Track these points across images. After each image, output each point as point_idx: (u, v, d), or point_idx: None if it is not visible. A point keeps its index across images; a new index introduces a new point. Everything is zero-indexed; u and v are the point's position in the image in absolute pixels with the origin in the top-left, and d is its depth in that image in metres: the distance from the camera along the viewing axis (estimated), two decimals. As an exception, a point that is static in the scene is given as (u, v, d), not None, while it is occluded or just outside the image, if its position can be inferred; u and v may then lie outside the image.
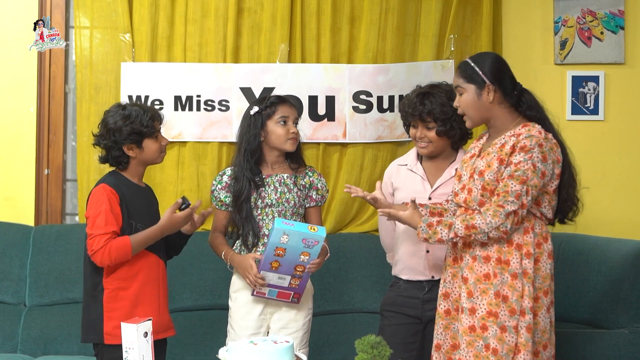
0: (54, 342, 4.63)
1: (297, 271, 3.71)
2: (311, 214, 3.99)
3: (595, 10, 5.15)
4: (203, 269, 4.79)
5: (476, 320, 3.40)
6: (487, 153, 3.49)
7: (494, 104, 3.50)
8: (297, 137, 3.92)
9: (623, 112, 5.19)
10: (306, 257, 3.66)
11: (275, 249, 3.65)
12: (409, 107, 3.87)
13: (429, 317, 3.83)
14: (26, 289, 4.80)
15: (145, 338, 2.99)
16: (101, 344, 3.59)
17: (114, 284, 3.61)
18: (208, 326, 4.66)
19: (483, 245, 3.44)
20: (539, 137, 3.39)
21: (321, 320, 4.16)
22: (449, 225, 3.43)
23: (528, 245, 3.40)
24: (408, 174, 3.98)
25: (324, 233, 3.65)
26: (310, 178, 3.97)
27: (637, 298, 4.31)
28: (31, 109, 5.11)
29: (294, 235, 3.61)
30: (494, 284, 3.39)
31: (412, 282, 3.91)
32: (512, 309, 3.35)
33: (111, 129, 3.64)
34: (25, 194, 5.10)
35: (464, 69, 3.56)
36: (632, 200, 5.15)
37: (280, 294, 3.79)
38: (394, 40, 5.08)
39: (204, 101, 5.03)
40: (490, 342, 3.36)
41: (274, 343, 2.95)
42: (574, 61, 5.18)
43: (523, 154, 3.36)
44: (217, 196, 3.96)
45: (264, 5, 5.06)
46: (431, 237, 3.47)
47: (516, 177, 3.34)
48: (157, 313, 3.67)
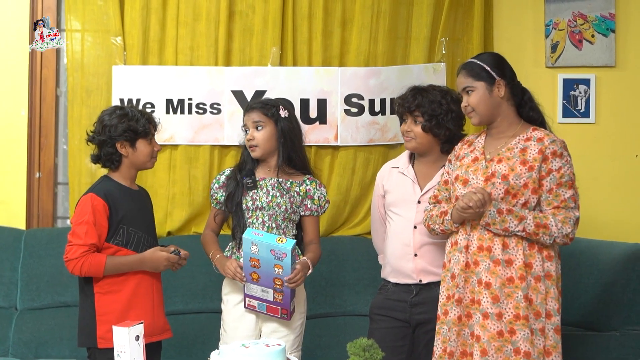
0: (45, 345, 4.61)
1: (277, 284, 3.69)
2: (306, 223, 3.98)
3: (587, 13, 5.15)
4: (195, 273, 4.78)
5: (504, 325, 3.42)
6: (507, 158, 3.51)
7: (504, 99, 3.55)
8: (253, 144, 3.90)
9: (614, 115, 5.20)
10: (280, 269, 3.63)
11: (249, 260, 3.65)
12: (401, 99, 3.90)
13: (418, 321, 3.84)
14: (17, 293, 4.78)
15: (137, 342, 2.99)
16: (95, 347, 3.59)
17: (104, 288, 3.62)
18: (200, 329, 4.65)
19: (504, 248, 3.45)
20: (560, 141, 3.49)
21: (313, 323, 4.16)
22: (520, 218, 3.42)
23: (549, 248, 3.47)
24: (399, 176, 3.98)
25: (291, 245, 3.61)
26: (307, 187, 3.95)
27: (628, 300, 4.34)
28: (22, 112, 5.10)
29: (261, 245, 3.61)
30: (522, 288, 3.41)
31: (400, 285, 3.90)
32: (537, 311, 3.41)
33: (106, 125, 3.67)
34: (16, 198, 5.09)
35: (470, 68, 3.59)
36: (624, 203, 5.15)
37: (269, 309, 3.78)
38: (385, 43, 5.09)
39: (195, 104, 5.02)
40: (519, 346, 3.38)
41: (266, 346, 2.95)
42: (565, 64, 5.18)
43: (559, 159, 3.45)
44: (214, 195, 3.99)
45: (256, 9, 5.06)
46: (497, 223, 3.44)
47: (564, 184, 3.45)
48: (151, 315, 3.69)
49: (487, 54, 3.76)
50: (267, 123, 3.89)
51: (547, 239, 3.41)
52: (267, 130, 3.89)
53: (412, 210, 3.87)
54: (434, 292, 3.78)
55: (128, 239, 3.66)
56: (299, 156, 3.98)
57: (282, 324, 3.85)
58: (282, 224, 3.87)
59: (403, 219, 3.90)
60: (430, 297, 3.80)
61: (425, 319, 3.81)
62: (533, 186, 3.45)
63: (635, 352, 4.28)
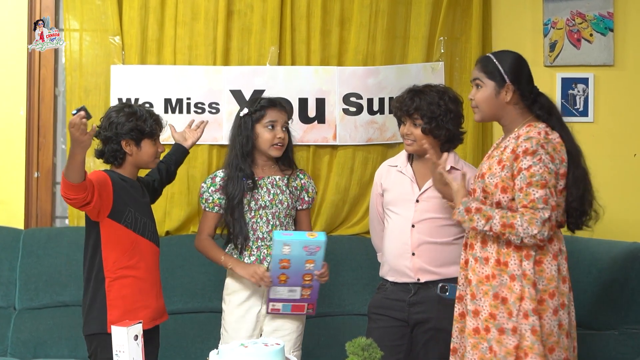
0: (44, 345, 4.61)
1: (306, 280, 3.70)
2: (302, 216, 4.01)
3: (585, 12, 5.14)
4: (194, 272, 4.77)
5: (480, 322, 3.40)
6: (491, 156, 3.51)
7: (510, 103, 3.49)
8: (283, 143, 3.92)
9: (613, 114, 5.19)
10: (311, 264, 3.66)
11: (279, 262, 3.65)
12: (399, 102, 3.89)
13: (416, 320, 3.84)
14: (16, 292, 4.78)
15: (135, 341, 2.99)
16: (104, 333, 3.58)
17: (116, 273, 3.64)
18: (199, 329, 4.65)
19: (483, 246, 3.43)
20: (538, 137, 3.35)
21: (312, 322, 4.16)
22: (487, 217, 3.35)
23: (528, 247, 3.35)
24: (398, 175, 3.98)
25: (324, 237, 3.64)
26: (302, 180, 3.99)
27: (627, 299, 4.33)
28: (21, 112, 5.09)
29: (295, 244, 3.61)
30: (493, 286, 3.38)
31: (398, 284, 3.90)
32: (510, 311, 3.33)
33: (114, 122, 3.69)
34: (15, 197, 5.08)
35: (485, 64, 3.54)
36: (622, 202, 5.13)
37: (294, 308, 3.80)
38: (384, 43, 5.09)
39: (194, 104, 5.02)
40: (492, 345, 3.35)
41: (265, 346, 2.95)
42: (563, 63, 5.17)
43: (530, 157, 3.32)
44: (209, 198, 3.96)
45: (254, 8, 5.05)
46: (466, 222, 3.42)
47: (535, 184, 3.30)
48: (155, 299, 3.75)
49: (508, 54, 3.60)
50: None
51: (515, 239, 3.30)
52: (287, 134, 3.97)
53: (411, 209, 3.87)
54: (432, 292, 3.80)
55: (136, 224, 3.69)
56: (291, 154, 4.04)
57: (283, 324, 3.85)
58: (285, 221, 3.89)
59: (401, 218, 3.90)
60: (428, 297, 3.81)
61: (424, 319, 3.82)
62: (502, 185, 3.38)
63: (634, 351, 4.27)
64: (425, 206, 3.86)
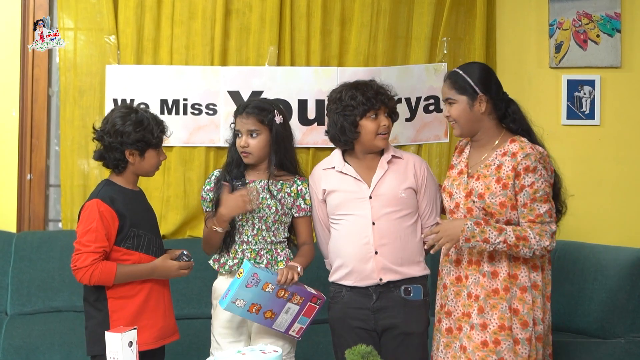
0: (36, 351, 4.55)
1: (284, 296, 3.65)
2: (299, 224, 3.93)
3: (591, 12, 5.15)
4: (189, 278, 4.66)
5: (488, 335, 3.46)
6: (483, 175, 3.56)
7: (484, 114, 3.57)
8: (246, 151, 3.82)
9: (619, 117, 5.19)
10: (268, 286, 3.60)
11: (248, 311, 3.61)
12: (382, 95, 3.84)
13: (383, 327, 3.78)
14: (8, 297, 4.75)
15: (130, 347, 2.97)
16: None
17: (118, 293, 3.58)
18: (194, 335, 4.60)
19: (490, 260, 3.50)
20: (535, 153, 3.48)
21: (310, 329, 4.10)
22: (499, 229, 3.44)
23: (535, 259, 3.50)
24: (338, 176, 3.88)
25: (247, 265, 3.57)
26: (299, 187, 3.90)
27: (633, 307, 4.33)
28: (13, 113, 5.05)
29: (239, 293, 3.57)
30: (506, 298, 3.46)
31: (356, 289, 3.81)
32: (524, 321, 3.45)
33: (119, 131, 3.60)
34: (7, 200, 5.05)
35: (454, 79, 3.62)
36: (629, 207, 5.16)
37: (305, 313, 3.76)
38: (385, 43, 5.09)
39: (190, 105, 5.00)
40: (504, 356, 3.43)
41: (262, 353, 2.95)
42: (569, 65, 5.17)
43: (531, 174, 3.45)
44: (206, 197, 3.94)
45: (253, 7, 5.05)
46: (476, 235, 3.44)
47: (539, 199, 3.45)
48: (163, 318, 3.70)
49: (475, 66, 3.76)
50: (262, 130, 3.82)
51: (527, 252, 3.43)
52: (261, 139, 3.83)
53: (367, 208, 3.79)
54: (394, 295, 3.76)
55: (138, 242, 3.63)
56: (290, 160, 3.93)
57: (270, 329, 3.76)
58: (273, 227, 3.82)
59: (358, 218, 3.81)
60: (392, 300, 3.76)
61: (391, 324, 3.77)
62: (511, 203, 3.48)
63: (641, 359, 4.28)
64: (380, 201, 3.79)
